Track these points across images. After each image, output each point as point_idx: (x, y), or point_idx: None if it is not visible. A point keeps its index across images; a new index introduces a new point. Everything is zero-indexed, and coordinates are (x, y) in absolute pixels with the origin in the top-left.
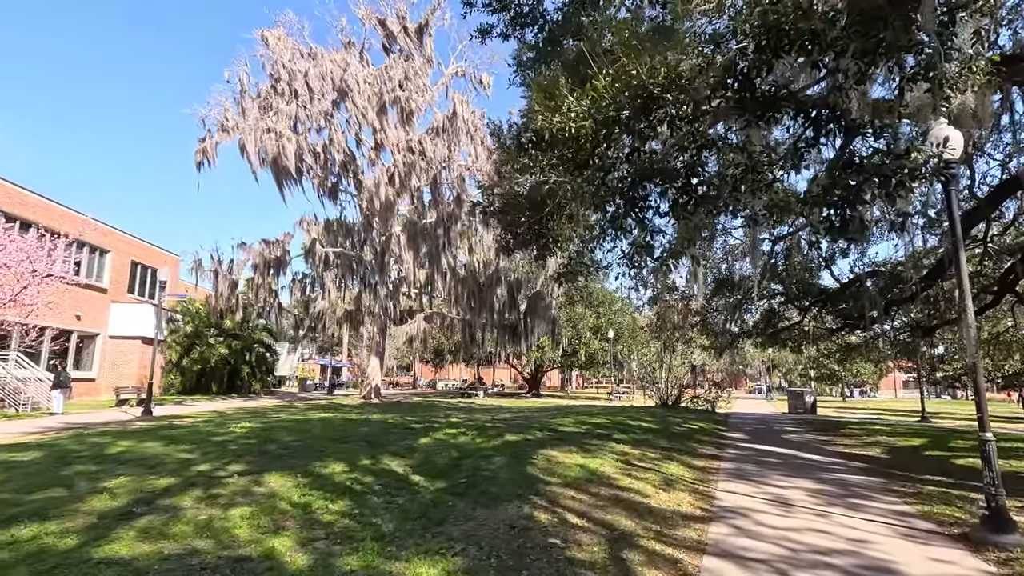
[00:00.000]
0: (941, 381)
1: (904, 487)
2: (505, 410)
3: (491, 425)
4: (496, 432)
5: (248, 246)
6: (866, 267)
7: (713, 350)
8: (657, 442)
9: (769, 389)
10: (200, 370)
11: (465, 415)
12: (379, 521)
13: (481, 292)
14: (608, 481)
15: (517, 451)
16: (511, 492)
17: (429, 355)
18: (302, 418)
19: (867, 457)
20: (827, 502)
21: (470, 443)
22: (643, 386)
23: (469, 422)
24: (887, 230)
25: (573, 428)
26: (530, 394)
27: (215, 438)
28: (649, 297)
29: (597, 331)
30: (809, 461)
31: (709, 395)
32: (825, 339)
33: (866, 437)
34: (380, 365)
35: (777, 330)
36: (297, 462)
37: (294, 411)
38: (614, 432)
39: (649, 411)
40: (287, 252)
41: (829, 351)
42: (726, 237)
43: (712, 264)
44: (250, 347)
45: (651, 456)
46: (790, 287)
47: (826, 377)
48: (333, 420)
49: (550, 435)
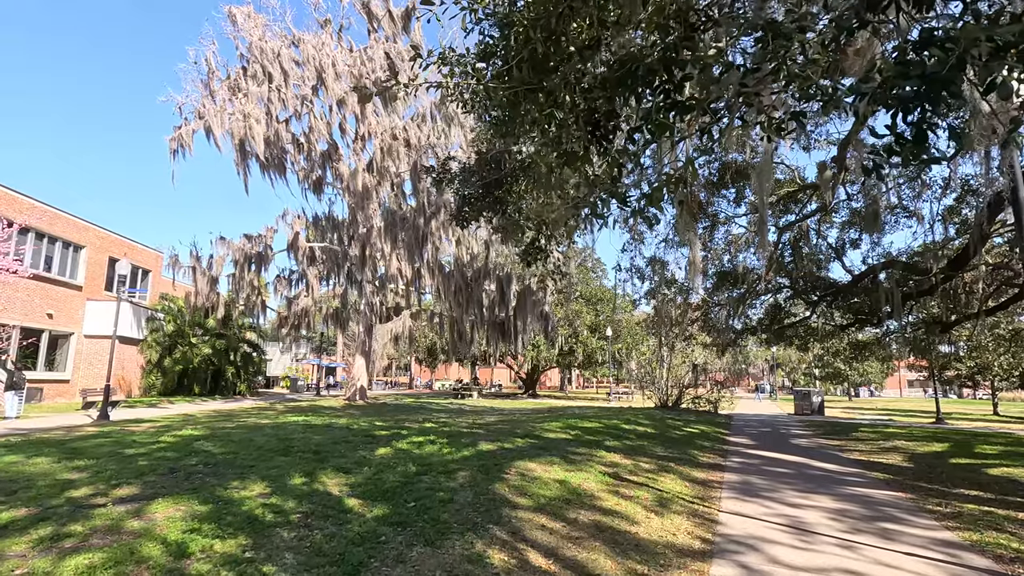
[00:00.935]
0: (953, 380)
1: (940, 506)
2: (494, 412)
3: (468, 431)
4: (470, 440)
5: (228, 241)
6: (880, 258)
7: (715, 348)
8: (653, 449)
9: (772, 389)
10: (182, 371)
11: (447, 418)
12: (271, 570)
13: (469, 287)
14: (591, 501)
15: (488, 464)
16: (466, 520)
17: (422, 354)
18: (259, 424)
19: (888, 466)
20: (853, 527)
21: (435, 454)
22: (642, 386)
23: (445, 428)
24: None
25: (560, 434)
26: (526, 395)
27: (131, 450)
28: (646, 290)
29: (595, 329)
30: (824, 471)
31: (711, 395)
32: (835, 336)
33: (882, 442)
34: (366, 365)
35: (783, 326)
36: (212, 481)
37: (265, 415)
38: (606, 438)
39: (647, 413)
40: (269, 247)
41: (838, 349)
42: (728, 226)
43: (715, 256)
44: (235, 347)
45: (645, 467)
46: (797, 280)
47: (831, 376)
48: (289, 426)
49: (532, 443)
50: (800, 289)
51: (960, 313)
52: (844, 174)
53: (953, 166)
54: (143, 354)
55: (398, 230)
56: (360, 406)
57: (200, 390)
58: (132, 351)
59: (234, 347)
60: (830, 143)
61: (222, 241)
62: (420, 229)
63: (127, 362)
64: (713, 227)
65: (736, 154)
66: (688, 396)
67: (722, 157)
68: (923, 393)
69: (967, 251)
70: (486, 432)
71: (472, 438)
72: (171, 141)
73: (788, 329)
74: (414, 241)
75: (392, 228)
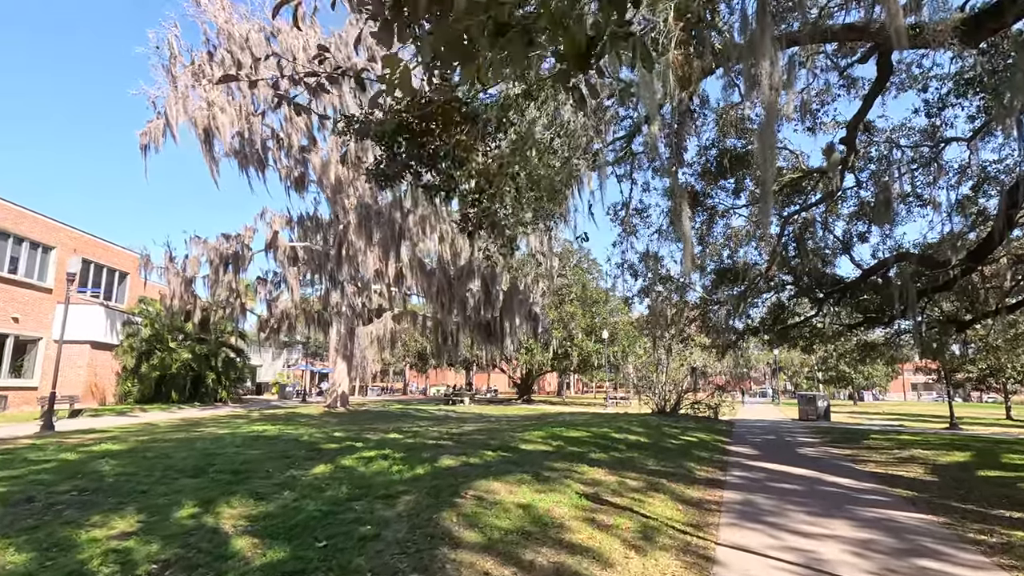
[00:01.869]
0: (962, 383)
1: (983, 534)
2: (479, 419)
3: (435, 442)
4: (432, 454)
5: (203, 240)
6: (891, 252)
7: (714, 350)
8: (644, 463)
9: (775, 393)
10: (159, 377)
11: (422, 427)
12: None
13: (451, 287)
14: (558, 534)
15: (442, 485)
16: (385, 568)
17: (413, 359)
18: (217, 434)
19: (910, 481)
20: (883, 568)
21: (383, 473)
22: (638, 391)
23: (411, 438)
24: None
25: (540, 445)
26: (520, 400)
27: (11, 470)
28: (639, 288)
29: (591, 332)
30: (838, 488)
31: (711, 400)
32: (841, 337)
33: (898, 451)
34: (348, 370)
35: (787, 326)
36: (72, 515)
37: (231, 424)
38: (592, 450)
39: (643, 420)
40: (246, 247)
41: (845, 351)
42: (727, 219)
43: (713, 251)
44: (216, 352)
45: (632, 485)
46: (801, 277)
47: (835, 380)
48: (230, 438)
49: (504, 456)
50: (805, 286)
51: (978, 311)
52: (854, 157)
53: (972, 148)
54: (118, 360)
55: (372, 225)
56: (339, 414)
57: (178, 397)
58: (106, 357)
59: (215, 352)
60: (838, 124)
61: (197, 240)
62: (397, 223)
63: (101, 368)
64: (711, 220)
65: (734, 139)
66: (687, 401)
67: (719, 143)
68: (928, 396)
69: (989, 241)
70: (455, 444)
71: (435, 451)
72: (142, 136)
73: (792, 329)
74: (390, 237)
75: (366, 223)
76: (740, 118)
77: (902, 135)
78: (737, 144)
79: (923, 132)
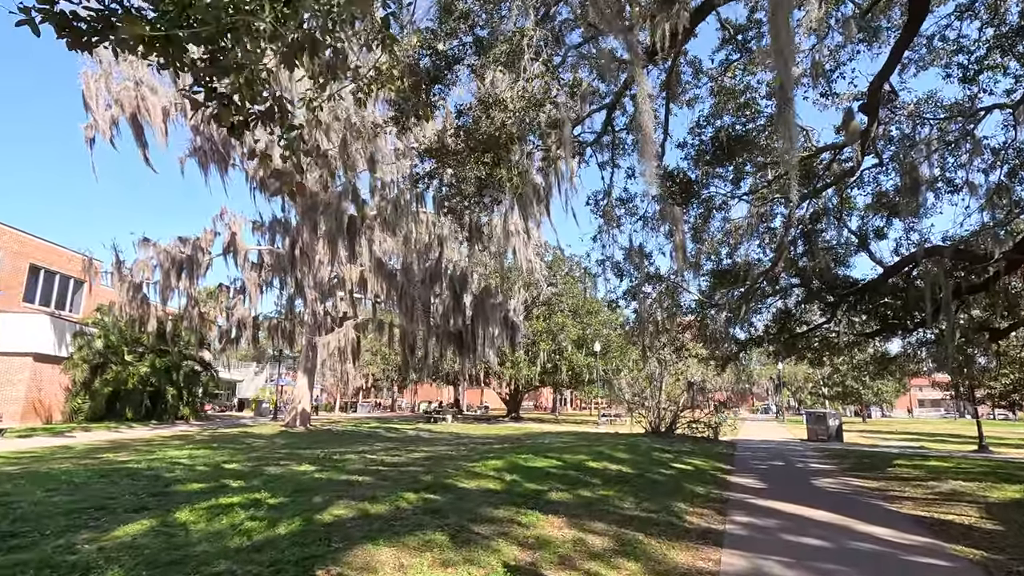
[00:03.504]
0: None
1: None
2: (447, 442)
3: (346, 479)
4: (327, 499)
5: (152, 243)
6: (915, 247)
7: (713, 362)
8: (619, 505)
9: (779, 409)
10: (112, 393)
11: (364, 452)
12: None
13: (415, 291)
14: None
15: (294, 558)
16: None
17: (393, 372)
18: (102, 464)
19: (966, 530)
20: None
21: (220, 534)
22: (630, 409)
23: (321, 473)
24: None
25: (487, 482)
26: (508, 418)
27: None
28: (624, 289)
29: (582, 345)
30: (877, 544)
31: (710, 419)
32: (856, 347)
33: (933, 482)
34: (309, 383)
35: (794, 335)
36: None
37: (157, 448)
38: (554, 486)
39: (632, 442)
40: (202, 250)
41: (860, 363)
42: (726, 211)
43: (711, 248)
44: (177, 365)
45: (593, 547)
46: (811, 279)
47: (842, 395)
48: (75, 475)
49: (426, 501)
50: (816, 290)
51: (1019, 316)
52: (876, 128)
53: (1019, 116)
54: (68, 374)
55: (318, 216)
56: (294, 434)
57: (134, 414)
58: (53, 371)
59: (176, 366)
60: (855, 96)
61: (146, 243)
62: (344, 214)
63: (46, 383)
64: (708, 214)
65: (732, 117)
66: (683, 420)
67: (716, 119)
68: (935, 413)
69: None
70: (375, 480)
71: (336, 493)
72: (86, 129)
73: (800, 339)
74: (336, 230)
75: (310, 214)
76: (740, 88)
77: (929, 109)
78: (737, 124)
79: (953, 107)
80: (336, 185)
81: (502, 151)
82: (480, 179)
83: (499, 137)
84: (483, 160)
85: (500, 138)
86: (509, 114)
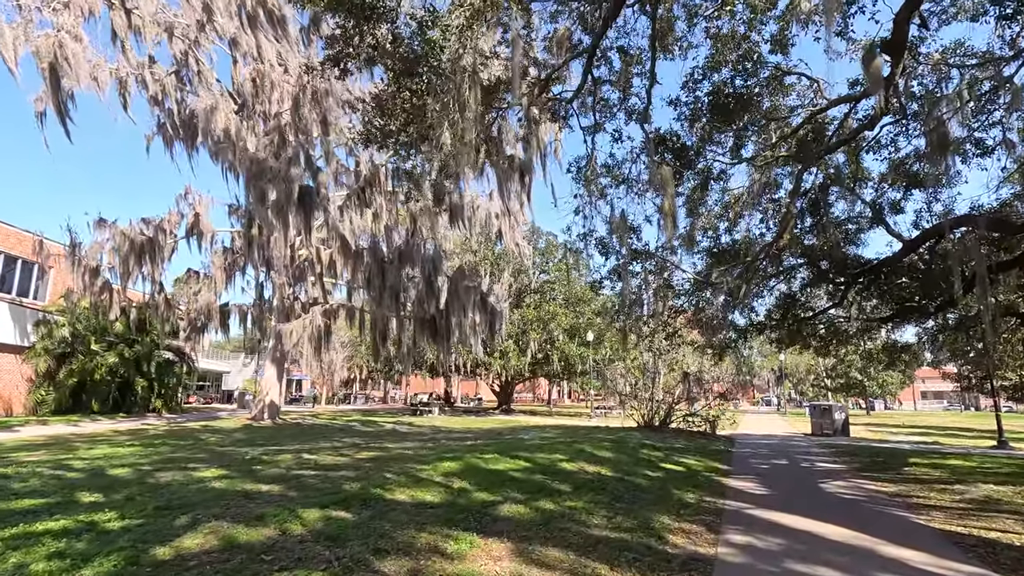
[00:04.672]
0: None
1: None
2: (417, 437)
3: (241, 492)
4: (189, 522)
5: (109, 224)
6: (937, 219)
7: (710, 351)
8: (587, 520)
9: (780, 402)
10: (77, 384)
11: (313, 449)
12: None
13: (384, 272)
14: None
15: None
16: None
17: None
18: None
19: (1020, 553)
20: None
21: None
22: (622, 401)
23: (221, 481)
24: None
25: (426, 491)
26: (499, 410)
27: None
28: (609, 268)
29: (574, 334)
30: (909, 572)
31: (707, 412)
32: (867, 334)
33: (961, 486)
34: (279, 374)
35: (799, 320)
36: None
37: (84, 444)
38: (510, 495)
39: (621, 437)
40: (163, 232)
41: (871, 351)
42: (725, 182)
43: (708, 223)
44: (148, 355)
45: None
46: (818, 258)
47: (845, 387)
48: None
49: (321, 526)
50: (824, 270)
51: None
52: (901, 73)
53: None
54: (30, 364)
55: (264, 185)
56: (261, 428)
57: (100, 407)
58: (11, 361)
59: (147, 356)
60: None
61: (102, 224)
62: (294, 182)
63: (6, 374)
64: (704, 184)
65: (727, 70)
66: (679, 413)
67: (713, 73)
68: (938, 405)
69: None
70: (284, 490)
71: (207, 513)
72: (36, 102)
73: (805, 326)
74: (285, 201)
75: (255, 182)
76: (741, 35)
77: (957, 58)
78: (736, 78)
79: (986, 55)
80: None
81: (434, 75)
82: (407, 112)
83: (431, 60)
84: (410, 88)
85: (432, 61)
86: (447, 32)
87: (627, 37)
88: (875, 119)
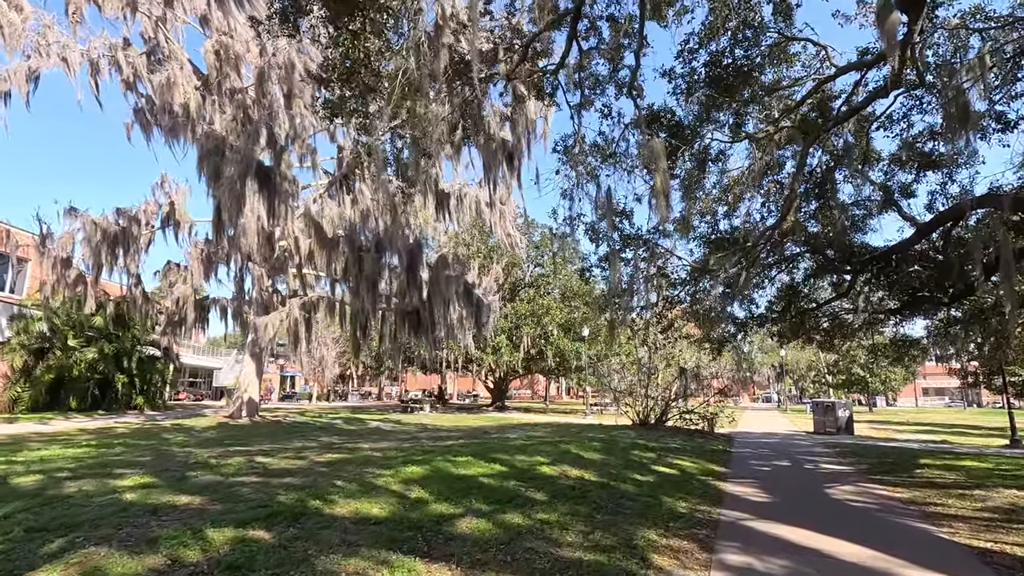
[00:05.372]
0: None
1: None
2: (395, 436)
3: (151, 508)
4: (58, 549)
5: (80, 213)
6: (952, 201)
7: (708, 345)
8: (560, 540)
9: (780, 398)
10: (55, 380)
11: (274, 451)
12: None
13: (361, 261)
14: None
15: None
16: None
17: (371, 360)
18: None
19: None
20: None
21: None
22: (616, 398)
23: (133, 492)
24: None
25: (374, 503)
26: (493, 407)
27: None
28: (600, 255)
29: (569, 329)
30: None
31: (706, 409)
32: (874, 327)
33: (980, 491)
34: (257, 369)
35: (801, 313)
36: None
37: (40, 444)
38: (473, 508)
39: (612, 436)
40: (138, 222)
41: (879, 346)
42: (723, 163)
43: (706, 207)
44: (130, 351)
45: None
46: (823, 246)
47: (847, 383)
48: None
49: (227, 551)
50: (829, 259)
51: None
52: (919, 32)
53: None
54: (5, 360)
55: (221, 162)
56: (237, 426)
57: (79, 404)
58: None
59: (128, 352)
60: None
61: (72, 213)
62: (254, 157)
63: None
64: (702, 165)
65: (725, 38)
66: (675, 410)
67: (711, 42)
68: (939, 402)
69: None
70: (206, 503)
71: (91, 535)
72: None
73: (809, 318)
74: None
75: (210, 159)
76: None
77: (977, 22)
78: (736, 48)
79: (1009, 17)
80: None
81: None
82: (345, 48)
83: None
84: (349, 28)
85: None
86: None
87: (617, 4)
88: (889, 87)
